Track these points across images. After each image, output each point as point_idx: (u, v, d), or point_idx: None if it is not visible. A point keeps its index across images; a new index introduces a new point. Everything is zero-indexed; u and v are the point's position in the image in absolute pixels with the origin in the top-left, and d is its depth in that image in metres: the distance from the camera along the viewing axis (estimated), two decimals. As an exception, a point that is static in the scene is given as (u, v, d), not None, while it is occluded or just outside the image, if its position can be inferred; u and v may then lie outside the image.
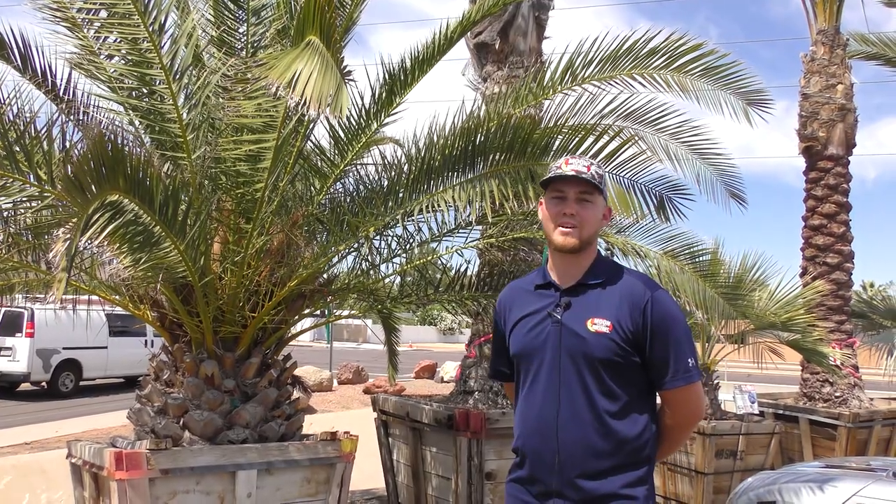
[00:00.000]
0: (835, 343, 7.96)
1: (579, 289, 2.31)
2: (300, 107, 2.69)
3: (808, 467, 4.57)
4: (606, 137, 4.46)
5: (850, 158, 8.52)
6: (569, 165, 2.28)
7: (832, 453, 7.23)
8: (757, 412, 7.21)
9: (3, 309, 14.74)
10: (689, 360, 2.26)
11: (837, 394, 7.98)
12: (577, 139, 4.46)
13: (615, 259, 4.64)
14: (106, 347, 16.09)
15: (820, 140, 8.40)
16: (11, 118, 3.59)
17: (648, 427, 2.27)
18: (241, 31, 4.48)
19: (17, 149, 3.51)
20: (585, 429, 2.22)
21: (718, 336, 7.22)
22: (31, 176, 3.51)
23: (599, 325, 2.23)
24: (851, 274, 8.43)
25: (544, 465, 2.26)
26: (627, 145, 4.51)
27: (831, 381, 8.00)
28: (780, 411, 7.87)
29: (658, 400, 2.37)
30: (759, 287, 7.34)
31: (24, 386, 15.77)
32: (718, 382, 7.24)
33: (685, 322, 2.32)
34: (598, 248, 2.43)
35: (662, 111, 5.38)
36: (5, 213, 4.02)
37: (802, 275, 8.48)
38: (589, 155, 4.42)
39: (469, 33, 6.08)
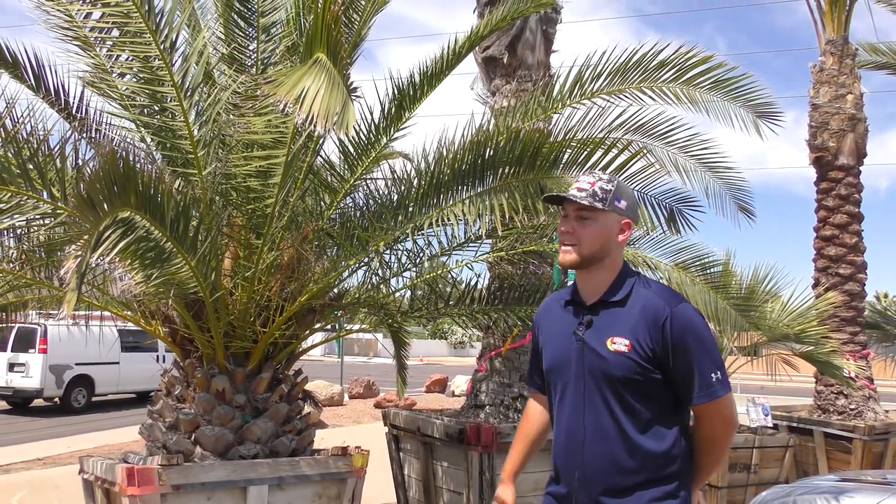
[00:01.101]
0: (849, 355, 7.88)
1: (600, 306, 2.29)
2: (307, 123, 2.70)
3: (823, 481, 4.52)
4: (615, 151, 4.46)
5: (861, 168, 8.48)
6: (576, 184, 2.29)
7: (847, 466, 7.16)
8: (771, 425, 7.15)
9: (17, 325, 14.81)
10: (713, 374, 2.19)
11: (852, 406, 7.91)
12: (586, 153, 4.46)
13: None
14: (118, 363, 16.12)
15: (830, 150, 8.36)
16: (25, 136, 3.62)
17: (678, 442, 2.22)
18: (251, 48, 4.51)
19: (31, 167, 3.54)
20: (611, 445, 2.20)
21: (731, 348, 7.18)
22: (45, 193, 3.54)
23: (618, 344, 2.20)
24: (864, 284, 8.37)
25: (573, 481, 2.26)
26: (636, 158, 4.51)
27: (846, 393, 7.92)
28: (795, 424, 7.81)
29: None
30: (771, 298, 7.31)
31: (37, 402, 15.81)
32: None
33: (709, 334, 2.25)
34: (625, 261, 2.38)
35: (671, 124, 5.37)
36: (19, 231, 4.06)
37: (815, 286, 8.43)
38: (598, 168, 4.42)
39: (477, 48, 6.11)
